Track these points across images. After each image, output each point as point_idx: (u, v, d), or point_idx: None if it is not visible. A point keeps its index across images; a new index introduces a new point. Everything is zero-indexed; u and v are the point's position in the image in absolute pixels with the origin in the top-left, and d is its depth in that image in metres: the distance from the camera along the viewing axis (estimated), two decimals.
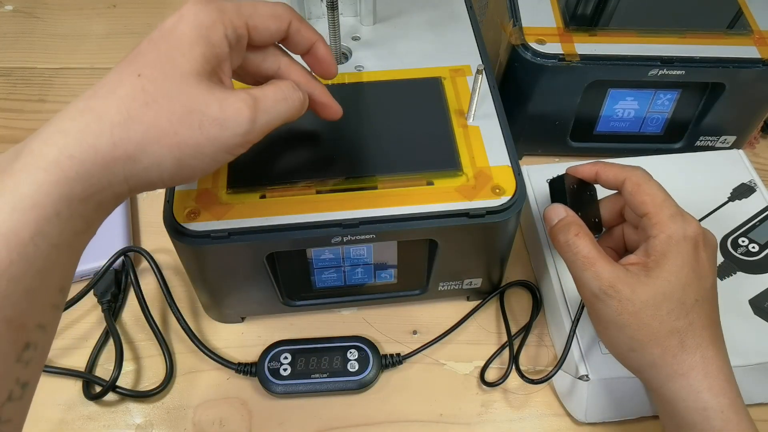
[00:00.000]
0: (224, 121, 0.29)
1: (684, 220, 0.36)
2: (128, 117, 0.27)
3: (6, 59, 0.68)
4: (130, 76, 0.28)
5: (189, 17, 0.29)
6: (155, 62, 0.28)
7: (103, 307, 0.48)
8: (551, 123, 0.55)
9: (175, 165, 0.28)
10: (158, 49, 0.29)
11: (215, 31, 0.30)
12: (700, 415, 0.34)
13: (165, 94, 0.28)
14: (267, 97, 0.31)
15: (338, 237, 0.38)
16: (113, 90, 0.28)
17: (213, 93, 0.29)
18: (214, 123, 0.28)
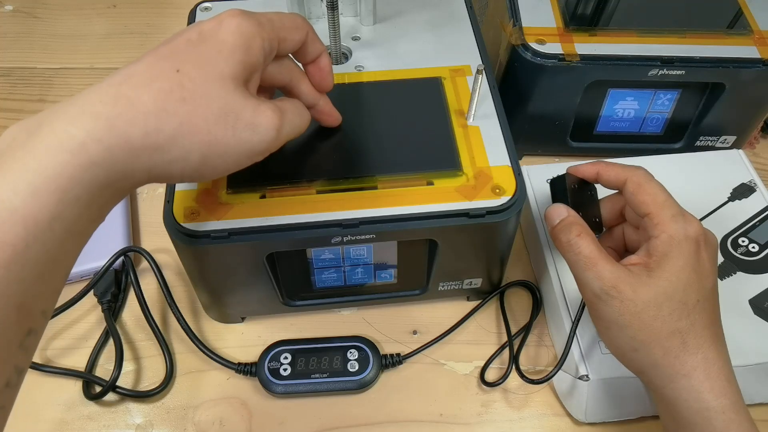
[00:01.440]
0: (256, 127, 0.30)
1: (685, 221, 0.36)
2: (163, 109, 0.27)
3: (6, 59, 0.68)
4: (167, 71, 0.28)
5: (232, 25, 0.30)
6: (195, 61, 0.29)
7: (103, 307, 0.48)
8: (551, 123, 0.55)
9: (200, 162, 0.29)
10: (198, 50, 0.29)
11: (255, 41, 0.30)
12: (702, 416, 0.34)
13: (203, 94, 0.28)
14: (289, 110, 0.33)
15: (338, 237, 0.38)
16: (149, 82, 0.28)
17: (248, 99, 0.30)
18: (247, 127, 0.30)
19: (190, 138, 0.28)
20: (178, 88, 0.28)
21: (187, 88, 0.28)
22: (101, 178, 0.26)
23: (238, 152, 0.30)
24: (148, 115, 0.27)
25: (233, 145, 0.29)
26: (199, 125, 0.28)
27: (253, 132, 0.30)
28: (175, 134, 0.27)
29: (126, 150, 0.26)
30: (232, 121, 0.29)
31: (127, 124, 0.26)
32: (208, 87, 0.29)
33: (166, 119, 0.27)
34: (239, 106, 0.29)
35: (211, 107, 0.28)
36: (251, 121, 0.30)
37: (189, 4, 0.51)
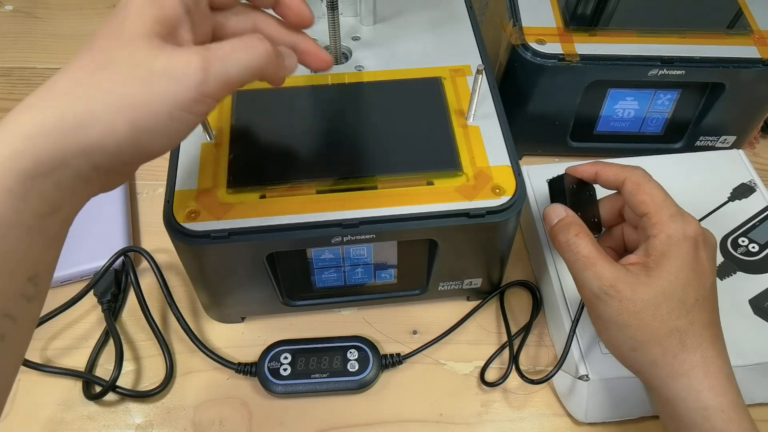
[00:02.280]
0: (172, 73, 0.27)
1: (684, 220, 0.36)
2: (76, 85, 0.26)
3: (6, 59, 0.68)
4: (82, 53, 0.27)
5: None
6: (106, 34, 0.28)
7: (103, 307, 0.48)
8: (551, 123, 0.55)
9: (131, 129, 0.26)
10: (110, 23, 0.28)
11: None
12: (701, 415, 0.34)
13: (113, 59, 0.27)
14: (223, 46, 0.28)
15: (338, 237, 0.38)
16: (66, 68, 0.27)
17: (162, 50, 0.27)
18: (162, 76, 0.27)
19: (108, 105, 0.26)
20: (90, 63, 0.27)
21: (98, 60, 0.27)
22: (29, 166, 0.25)
23: (166, 108, 0.27)
24: (62, 95, 0.26)
25: (154, 101, 0.26)
26: (112, 89, 0.26)
27: (170, 80, 0.27)
28: (91, 105, 0.26)
29: (47, 133, 0.25)
30: (144, 74, 0.26)
31: (42, 109, 0.25)
32: (117, 51, 0.27)
33: (79, 93, 0.26)
34: (151, 58, 0.27)
35: (120, 69, 0.26)
36: (165, 68, 0.27)
37: None
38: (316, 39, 0.48)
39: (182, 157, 0.40)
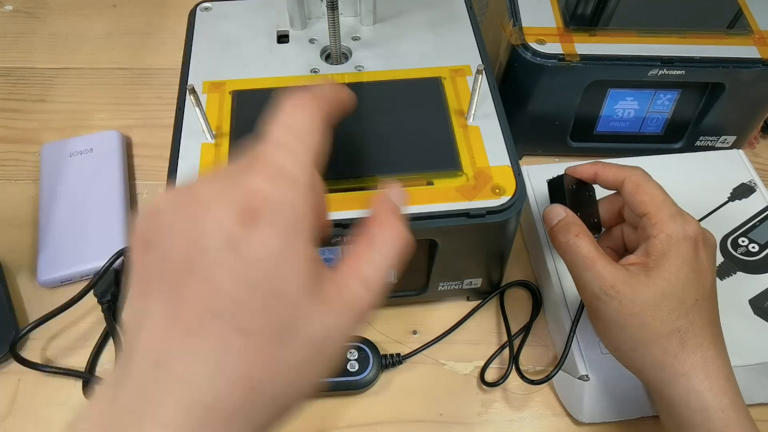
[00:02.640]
0: (341, 336, 0.23)
1: (683, 220, 0.36)
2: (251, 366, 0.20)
3: (6, 59, 0.68)
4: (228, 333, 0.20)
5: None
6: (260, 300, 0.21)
7: (103, 307, 0.48)
8: (551, 123, 0.55)
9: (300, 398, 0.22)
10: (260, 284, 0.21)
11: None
12: (701, 415, 0.34)
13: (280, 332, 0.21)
14: (372, 261, 0.24)
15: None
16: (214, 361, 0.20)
17: (321, 305, 0.22)
18: (330, 341, 0.23)
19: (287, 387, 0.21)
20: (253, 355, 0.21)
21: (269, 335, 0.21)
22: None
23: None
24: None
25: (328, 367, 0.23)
26: (290, 371, 0.21)
27: (339, 341, 0.23)
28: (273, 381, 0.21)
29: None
30: (318, 348, 0.22)
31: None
32: (288, 323, 0.21)
33: (257, 375, 0.21)
34: (316, 325, 0.22)
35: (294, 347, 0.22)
36: (330, 334, 0.22)
37: (189, 4, 0.51)
38: (316, 39, 0.48)
39: (182, 157, 0.40)
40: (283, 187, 0.21)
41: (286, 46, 0.48)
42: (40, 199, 0.54)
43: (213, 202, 0.21)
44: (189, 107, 0.43)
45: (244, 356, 0.20)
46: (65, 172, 0.55)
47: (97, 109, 0.63)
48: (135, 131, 0.61)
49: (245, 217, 0.21)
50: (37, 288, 0.50)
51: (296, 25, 0.49)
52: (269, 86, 0.45)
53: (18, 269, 0.52)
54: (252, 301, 0.20)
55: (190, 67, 0.46)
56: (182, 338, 0.20)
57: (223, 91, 0.44)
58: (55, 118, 0.63)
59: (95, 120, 0.62)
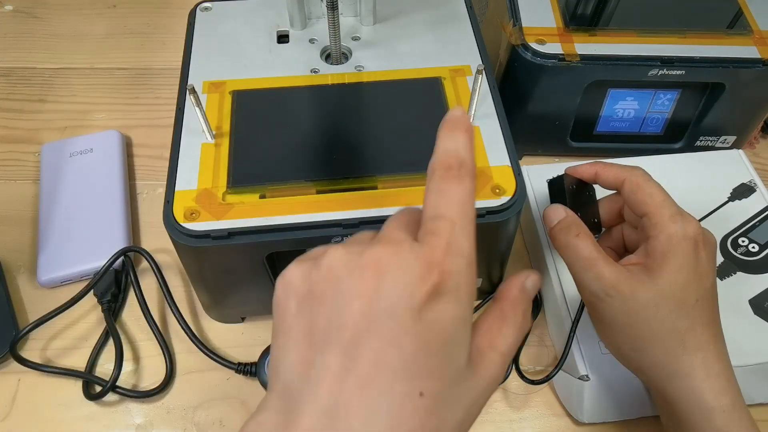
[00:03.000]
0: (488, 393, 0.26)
1: (684, 220, 0.36)
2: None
3: (6, 59, 0.68)
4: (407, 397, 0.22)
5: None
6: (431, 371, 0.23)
7: (103, 307, 0.48)
8: (551, 123, 0.55)
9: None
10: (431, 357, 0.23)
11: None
12: (702, 415, 0.34)
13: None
14: (507, 340, 0.26)
15: (338, 237, 0.38)
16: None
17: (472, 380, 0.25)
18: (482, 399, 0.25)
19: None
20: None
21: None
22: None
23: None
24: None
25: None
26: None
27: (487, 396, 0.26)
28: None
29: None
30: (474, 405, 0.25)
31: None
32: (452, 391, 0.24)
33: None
34: (473, 390, 0.25)
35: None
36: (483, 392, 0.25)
37: (189, 4, 0.51)
38: (316, 39, 0.48)
39: (182, 157, 0.40)
40: (460, 263, 0.24)
41: (286, 46, 0.48)
42: (40, 199, 0.54)
43: (396, 270, 0.23)
44: (189, 107, 0.43)
45: (418, 416, 0.22)
46: (65, 172, 0.55)
47: (97, 109, 0.63)
48: (135, 131, 0.61)
49: (428, 287, 0.23)
50: (37, 288, 0.50)
51: (296, 25, 0.49)
52: (269, 86, 0.45)
53: (18, 269, 0.52)
54: (430, 364, 0.22)
55: (190, 67, 0.46)
56: (359, 392, 0.21)
57: (223, 91, 0.44)
58: (55, 118, 0.63)
59: (95, 120, 0.62)
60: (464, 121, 0.28)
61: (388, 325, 0.22)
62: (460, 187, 0.26)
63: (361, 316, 0.22)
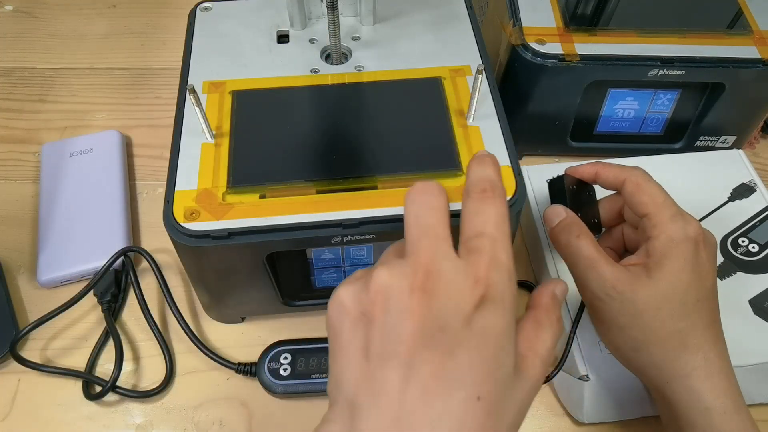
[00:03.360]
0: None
1: (684, 221, 0.36)
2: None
3: (6, 59, 0.68)
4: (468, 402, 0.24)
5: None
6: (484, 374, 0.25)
7: (103, 307, 0.48)
8: (551, 123, 0.55)
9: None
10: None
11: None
12: (702, 416, 0.34)
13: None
14: (546, 344, 0.28)
15: (338, 237, 0.38)
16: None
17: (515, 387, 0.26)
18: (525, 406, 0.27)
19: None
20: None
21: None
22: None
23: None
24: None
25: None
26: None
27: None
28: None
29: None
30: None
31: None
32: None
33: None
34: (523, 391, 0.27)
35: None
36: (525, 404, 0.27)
37: (189, 4, 0.51)
38: (316, 39, 0.48)
39: (182, 157, 0.40)
40: (503, 276, 0.26)
41: (286, 46, 0.48)
42: (40, 199, 0.54)
43: (445, 286, 0.25)
44: (189, 107, 0.43)
45: (477, 418, 0.23)
46: (65, 172, 0.55)
47: (97, 109, 0.63)
48: (135, 131, 0.61)
49: (476, 299, 0.25)
50: (37, 288, 0.50)
51: (296, 25, 0.49)
52: (269, 86, 0.45)
53: (18, 269, 0.52)
54: (483, 370, 0.24)
55: (190, 67, 0.46)
56: (421, 400, 0.23)
57: (223, 91, 0.44)
58: (55, 118, 0.63)
59: (95, 120, 0.62)
60: (491, 156, 0.31)
61: (442, 338, 0.24)
62: (495, 207, 0.28)
63: (415, 332, 0.24)
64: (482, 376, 0.24)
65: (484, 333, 0.25)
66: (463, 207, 0.29)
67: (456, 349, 0.24)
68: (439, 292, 0.25)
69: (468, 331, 0.24)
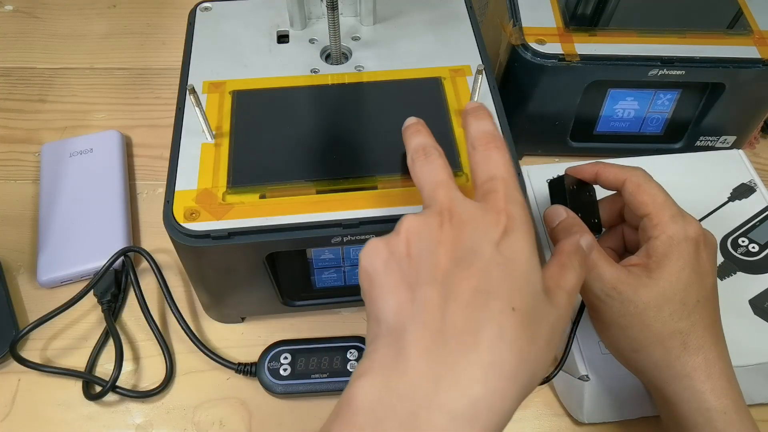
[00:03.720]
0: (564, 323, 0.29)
1: (685, 221, 0.36)
2: (522, 360, 0.26)
3: (6, 59, 0.68)
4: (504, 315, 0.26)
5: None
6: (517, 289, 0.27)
7: (103, 307, 0.48)
8: (551, 123, 0.55)
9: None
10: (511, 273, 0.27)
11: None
12: (703, 416, 0.34)
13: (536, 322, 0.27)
14: (569, 277, 0.31)
15: (338, 237, 0.38)
16: (493, 339, 0.25)
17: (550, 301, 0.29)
18: (558, 328, 0.29)
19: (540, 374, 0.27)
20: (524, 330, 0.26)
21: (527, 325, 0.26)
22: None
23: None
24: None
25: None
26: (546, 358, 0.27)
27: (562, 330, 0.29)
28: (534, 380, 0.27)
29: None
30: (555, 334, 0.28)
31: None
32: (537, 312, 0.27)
33: (527, 369, 0.26)
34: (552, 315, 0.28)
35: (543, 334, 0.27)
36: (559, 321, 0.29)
37: (189, 4, 0.51)
38: (316, 39, 0.48)
39: (182, 157, 0.40)
40: (518, 207, 0.29)
41: (286, 46, 0.48)
42: (40, 199, 0.54)
43: (472, 221, 0.28)
44: (189, 107, 0.43)
45: (514, 327, 0.26)
46: (65, 172, 0.55)
47: (97, 109, 0.63)
48: (135, 131, 0.61)
49: (501, 227, 0.28)
50: (37, 288, 0.50)
51: (296, 25, 0.49)
52: (269, 86, 0.45)
53: (18, 269, 0.52)
54: (515, 285, 0.27)
55: (190, 67, 0.46)
56: (461, 313, 0.26)
57: (223, 91, 0.44)
58: (55, 118, 0.63)
59: (95, 120, 0.62)
60: (483, 107, 0.35)
61: (474, 259, 0.27)
62: (500, 153, 0.32)
63: (449, 257, 0.27)
64: (515, 289, 0.26)
65: (512, 254, 0.27)
66: (471, 159, 0.32)
67: (489, 266, 0.27)
68: (466, 226, 0.28)
69: (498, 254, 0.27)
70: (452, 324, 0.26)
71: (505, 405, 0.25)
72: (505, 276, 0.27)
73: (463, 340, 0.25)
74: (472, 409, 0.24)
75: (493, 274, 0.27)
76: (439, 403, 0.24)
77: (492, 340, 0.25)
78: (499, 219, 0.28)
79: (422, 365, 0.25)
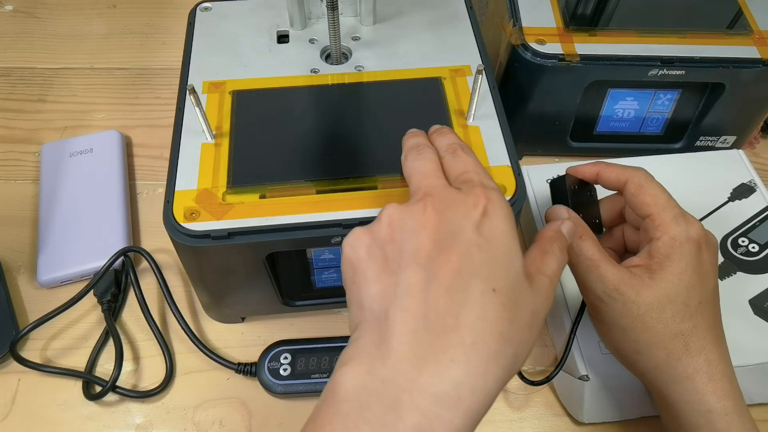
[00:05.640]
0: (545, 311, 0.30)
1: (687, 222, 0.36)
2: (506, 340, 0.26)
3: (6, 59, 0.68)
4: (486, 296, 0.27)
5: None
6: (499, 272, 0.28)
7: (103, 307, 0.48)
8: (551, 123, 0.55)
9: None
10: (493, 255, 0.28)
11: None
12: (704, 418, 0.34)
13: (517, 305, 0.28)
14: (550, 263, 0.32)
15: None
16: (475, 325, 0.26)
17: (531, 286, 0.29)
18: (540, 315, 0.29)
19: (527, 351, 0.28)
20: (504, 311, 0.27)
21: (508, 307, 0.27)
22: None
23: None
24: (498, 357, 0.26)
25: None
26: (529, 339, 0.28)
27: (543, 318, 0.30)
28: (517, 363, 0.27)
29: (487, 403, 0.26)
30: (536, 320, 0.29)
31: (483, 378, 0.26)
32: (518, 295, 0.28)
33: (509, 351, 0.27)
34: (533, 300, 0.29)
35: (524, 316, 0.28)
36: (539, 308, 0.29)
37: (189, 4, 0.51)
38: (316, 39, 0.48)
39: (182, 157, 0.40)
40: (495, 193, 0.30)
41: (286, 46, 0.48)
42: (40, 199, 0.54)
43: (452, 204, 0.29)
44: (189, 107, 0.43)
45: (495, 309, 0.26)
46: (65, 172, 0.55)
47: (97, 109, 0.63)
48: (135, 131, 0.61)
49: (480, 209, 0.29)
50: (37, 288, 0.50)
51: (296, 25, 0.49)
52: (269, 86, 0.45)
53: (18, 269, 0.52)
54: (496, 267, 0.27)
55: (190, 67, 0.46)
56: (444, 295, 0.26)
57: (223, 91, 0.44)
58: (55, 118, 0.63)
59: (95, 120, 0.62)
60: (445, 126, 0.38)
61: (456, 241, 0.27)
62: (467, 153, 0.34)
63: (431, 240, 0.27)
64: (496, 271, 0.27)
65: (492, 236, 0.28)
66: (444, 165, 0.33)
67: (470, 248, 0.27)
68: (448, 209, 0.29)
69: (479, 236, 0.28)
70: (434, 307, 0.26)
71: (488, 385, 0.25)
72: (485, 258, 0.27)
73: (445, 323, 0.26)
74: (455, 391, 0.25)
75: (474, 256, 0.27)
76: (422, 386, 0.25)
77: (473, 321, 0.26)
78: (479, 201, 0.29)
79: (405, 349, 0.25)
